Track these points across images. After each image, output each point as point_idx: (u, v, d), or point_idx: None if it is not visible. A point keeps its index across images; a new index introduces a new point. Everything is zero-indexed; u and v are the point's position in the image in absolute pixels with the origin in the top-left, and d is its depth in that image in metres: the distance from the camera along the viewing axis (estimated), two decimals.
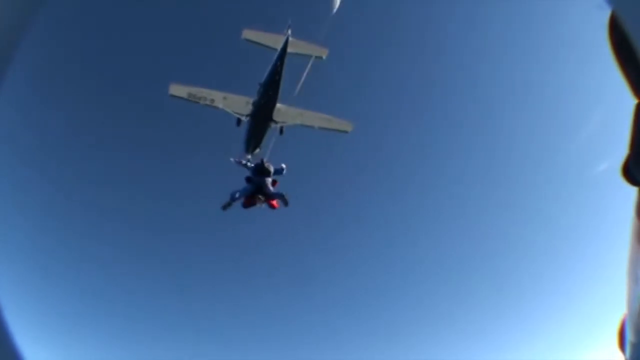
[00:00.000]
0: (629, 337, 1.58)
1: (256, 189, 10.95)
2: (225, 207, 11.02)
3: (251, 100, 12.68)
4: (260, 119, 12.64)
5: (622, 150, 1.49)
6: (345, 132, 13.63)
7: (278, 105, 12.43)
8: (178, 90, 12.71)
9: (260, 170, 11.14)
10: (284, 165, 11.40)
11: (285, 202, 11.21)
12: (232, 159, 11.49)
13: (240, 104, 12.75)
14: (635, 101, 1.43)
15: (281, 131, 12.88)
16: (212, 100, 12.68)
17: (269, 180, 11.09)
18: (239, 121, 12.90)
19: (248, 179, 11.19)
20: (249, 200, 11.16)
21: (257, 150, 13.10)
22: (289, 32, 11.88)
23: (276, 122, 12.67)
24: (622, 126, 1.49)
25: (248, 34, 12.55)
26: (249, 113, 12.74)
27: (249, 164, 11.38)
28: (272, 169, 11.35)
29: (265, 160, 11.42)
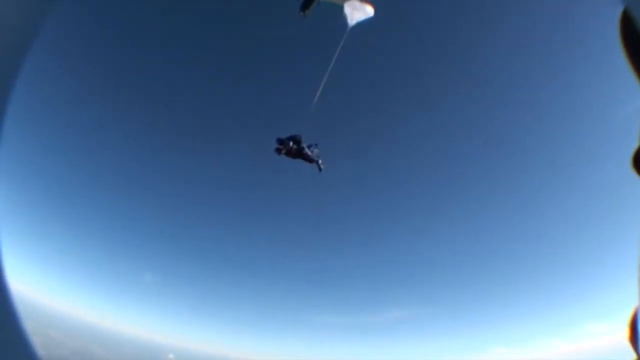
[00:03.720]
0: None
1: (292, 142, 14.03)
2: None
3: None
4: None
5: None
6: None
7: None
8: None
9: (293, 139, 14.04)
10: (320, 162, 14.52)
11: (319, 169, 13.79)
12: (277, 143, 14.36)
13: None
14: None
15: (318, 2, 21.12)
16: None
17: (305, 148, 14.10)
18: None
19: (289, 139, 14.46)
20: (287, 152, 13.84)
21: (307, 11, 21.08)
22: None
23: None
24: None
25: None
26: None
27: (284, 140, 14.07)
28: (303, 144, 13.79)
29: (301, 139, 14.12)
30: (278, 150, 13.35)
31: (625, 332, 1.70)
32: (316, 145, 13.72)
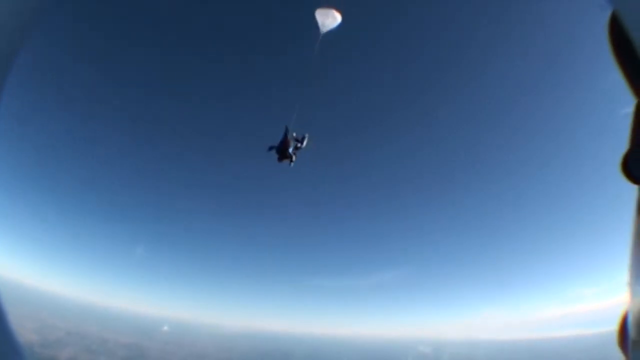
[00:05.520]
0: (633, 336, 1.51)
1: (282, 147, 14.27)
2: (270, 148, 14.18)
3: None
4: None
5: None
6: None
7: None
8: None
9: (284, 144, 13.95)
10: (305, 136, 14.33)
11: (289, 163, 14.10)
12: (267, 149, 14.25)
13: None
14: (635, 100, 1.44)
15: None
16: None
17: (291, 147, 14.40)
18: None
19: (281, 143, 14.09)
20: (281, 157, 13.84)
21: None
22: None
23: None
24: None
25: None
26: None
27: (275, 145, 13.97)
28: (291, 145, 13.80)
29: (290, 135, 14.21)
30: (279, 160, 13.99)
31: (615, 336, 1.68)
32: (286, 128, 14.26)
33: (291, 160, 14.03)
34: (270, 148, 13.96)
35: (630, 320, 1.54)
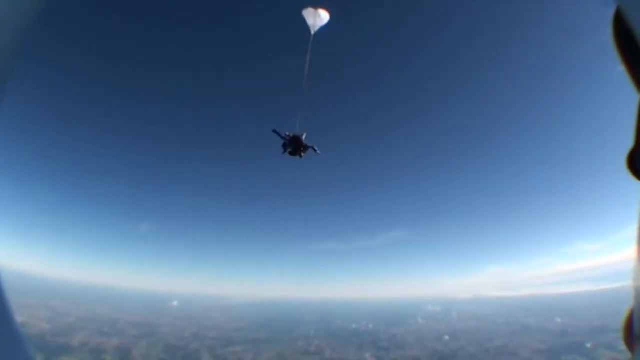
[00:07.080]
0: (638, 332, 1.48)
1: (292, 145, 14.34)
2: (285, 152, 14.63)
3: None
4: None
5: None
6: None
7: None
8: None
9: (294, 140, 14.46)
10: (304, 135, 14.71)
11: (315, 151, 14.77)
12: (273, 131, 14.85)
13: None
14: (639, 96, 1.44)
15: None
16: None
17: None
18: None
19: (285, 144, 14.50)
20: (301, 153, 14.40)
21: None
22: None
23: None
24: None
25: None
26: None
27: (285, 134, 14.53)
28: (302, 138, 14.33)
29: (295, 134, 14.62)
30: (301, 157, 14.63)
31: (621, 333, 1.62)
32: (276, 132, 14.89)
33: (314, 149, 14.62)
34: (287, 152, 14.43)
35: (636, 316, 1.52)
